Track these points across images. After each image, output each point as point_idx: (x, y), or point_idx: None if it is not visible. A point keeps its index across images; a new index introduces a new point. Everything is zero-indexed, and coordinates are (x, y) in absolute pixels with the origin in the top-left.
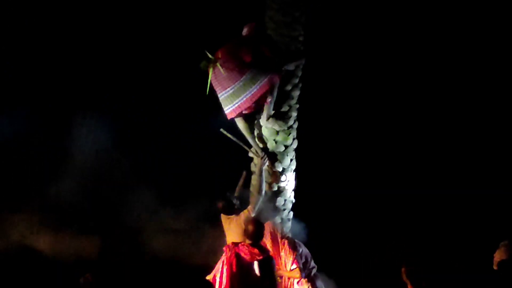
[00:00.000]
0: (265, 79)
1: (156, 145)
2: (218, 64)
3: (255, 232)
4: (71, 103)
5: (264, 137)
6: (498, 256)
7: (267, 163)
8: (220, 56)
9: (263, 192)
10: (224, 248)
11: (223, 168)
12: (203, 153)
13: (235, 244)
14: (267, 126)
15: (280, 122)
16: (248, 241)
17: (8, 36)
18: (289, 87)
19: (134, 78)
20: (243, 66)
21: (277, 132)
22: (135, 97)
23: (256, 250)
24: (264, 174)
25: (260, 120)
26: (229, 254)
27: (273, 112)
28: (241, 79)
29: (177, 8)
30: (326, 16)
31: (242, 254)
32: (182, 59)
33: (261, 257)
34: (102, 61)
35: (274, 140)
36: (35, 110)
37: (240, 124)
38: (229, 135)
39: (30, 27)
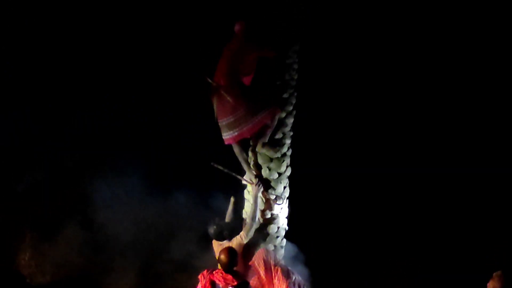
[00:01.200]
0: (267, 111)
1: (155, 145)
2: (223, 92)
3: (228, 262)
4: (71, 103)
5: (258, 165)
6: (491, 286)
7: (261, 190)
8: (222, 83)
9: (256, 219)
10: (199, 276)
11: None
12: (203, 152)
13: (210, 272)
14: (261, 153)
15: (274, 149)
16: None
17: (8, 36)
18: (283, 115)
19: (134, 78)
20: (245, 94)
21: (271, 159)
22: (135, 97)
23: (229, 277)
24: (258, 201)
25: (256, 147)
26: (203, 282)
27: (267, 139)
28: (244, 108)
29: (177, 8)
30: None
31: (217, 281)
32: (182, 59)
33: (235, 283)
34: (102, 61)
35: (268, 167)
36: (35, 110)
37: (236, 148)
38: (220, 167)
39: (30, 27)
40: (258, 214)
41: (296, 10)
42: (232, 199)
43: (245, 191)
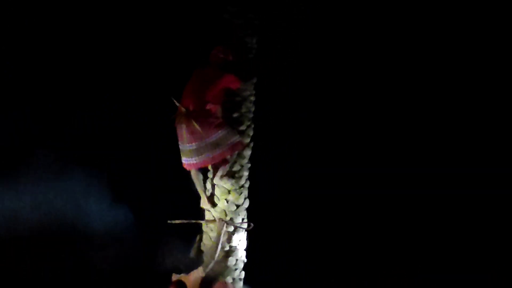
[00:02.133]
0: (229, 145)
1: (155, 146)
2: (191, 119)
3: None
4: (70, 103)
5: (215, 196)
6: None
7: (225, 226)
8: (191, 108)
9: (217, 255)
10: None
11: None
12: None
13: None
14: (219, 185)
15: (232, 181)
16: None
17: (8, 36)
18: (248, 151)
19: (134, 78)
20: (212, 123)
21: (229, 191)
22: (135, 97)
23: None
24: (221, 236)
25: (214, 179)
26: None
27: (226, 171)
28: (207, 139)
29: (177, 7)
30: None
31: None
32: (182, 59)
33: None
34: (102, 61)
35: (226, 199)
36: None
37: (193, 173)
38: (177, 221)
39: (30, 27)
40: (219, 248)
41: (296, 10)
42: (198, 236)
43: (203, 224)
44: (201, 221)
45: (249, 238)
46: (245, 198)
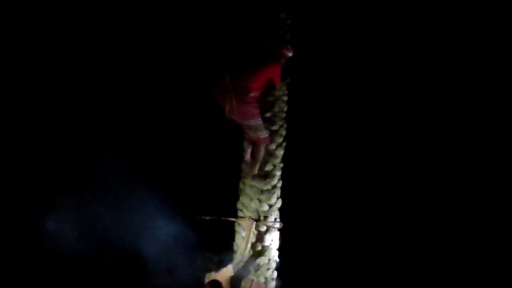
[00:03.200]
0: (258, 136)
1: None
2: (233, 100)
3: None
4: (70, 103)
5: (248, 195)
6: None
7: (254, 227)
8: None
9: (246, 253)
10: None
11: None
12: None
13: None
14: (252, 185)
15: (265, 181)
16: None
17: (8, 36)
18: (273, 146)
19: (134, 78)
20: (250, 113)
21: (262, 191)
22: (136, 96)
23: None
24: (250, 235)
25: (247, 179)
26: None
27: (257, 171)
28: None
29: (177, 7)
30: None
31: None
32: (182, 59)
33: None
34: (102, 61)
35: (258, 199)
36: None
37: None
38: (208, 217)
39: (30, 27)
40: (249, 247)
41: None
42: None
43: (236, 223)
44: (232, 219)
45: (281, 238)
46: (277, 198)
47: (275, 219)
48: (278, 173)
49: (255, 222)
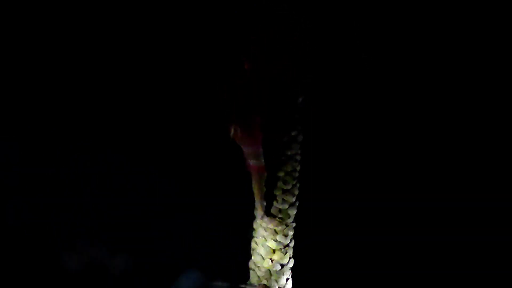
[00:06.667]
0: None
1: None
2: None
3: None
4: (70, 103)
5: (260, 255)
6: None
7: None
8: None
9: None
10: None
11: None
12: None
13: None
14: (264, 245)
15: (275, 222)
16: None
17: (8, 36)
18: (285, 206)
19: (134, 78)
20: (252, 138)
21: (274, 251)
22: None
23: None
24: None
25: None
26: None
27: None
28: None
29: (178, 7)
30: None
31: None
32: (182, 59)
33: None
34: (102, 61)
35: (271, 259)
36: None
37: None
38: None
39: (30, 27)
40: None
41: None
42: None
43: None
44: (243, 285)
45: None
46: (290, 258)
47: (287, 279)
48: (291, 233)
49: None
